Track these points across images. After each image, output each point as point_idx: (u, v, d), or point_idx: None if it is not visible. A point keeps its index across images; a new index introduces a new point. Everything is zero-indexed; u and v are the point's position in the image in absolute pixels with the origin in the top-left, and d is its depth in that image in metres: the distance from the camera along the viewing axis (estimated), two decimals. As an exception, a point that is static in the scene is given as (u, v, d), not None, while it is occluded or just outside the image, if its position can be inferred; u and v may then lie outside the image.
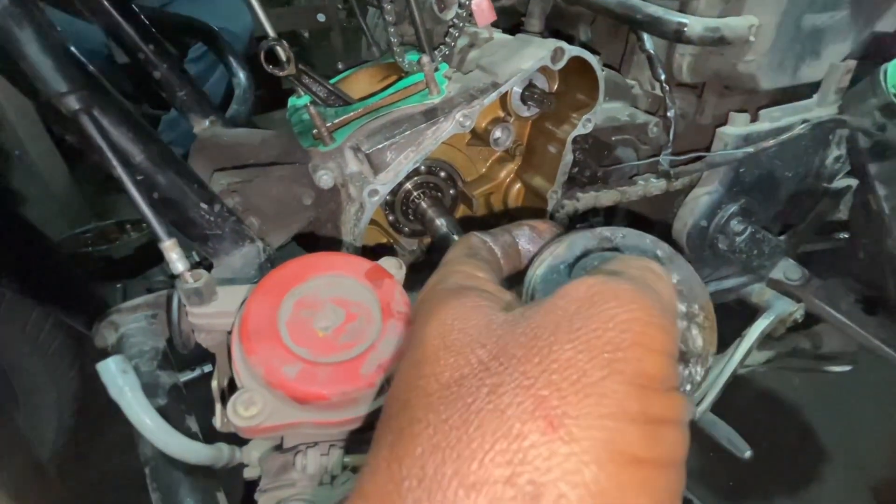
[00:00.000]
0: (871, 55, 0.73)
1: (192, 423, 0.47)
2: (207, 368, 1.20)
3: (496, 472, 0.19)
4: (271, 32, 0.64)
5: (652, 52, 0.73)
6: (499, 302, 0.27)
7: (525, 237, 0.37)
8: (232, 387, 0.45)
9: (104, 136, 0.33)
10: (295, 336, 0.35)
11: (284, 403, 0.34)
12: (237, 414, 0.32)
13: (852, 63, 0.70)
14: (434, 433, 0.20)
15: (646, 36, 0.73)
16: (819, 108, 0.74)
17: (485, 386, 0.21)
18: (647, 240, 0.35)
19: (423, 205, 0.69)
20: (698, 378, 0.31)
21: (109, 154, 0.32)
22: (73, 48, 0.39)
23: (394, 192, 0.70)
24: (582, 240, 0.34)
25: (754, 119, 0.73)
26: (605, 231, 0.35)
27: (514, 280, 0.38)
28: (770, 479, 1.03)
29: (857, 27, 0.72)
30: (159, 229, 0.35)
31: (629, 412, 0.20)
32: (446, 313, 0.25)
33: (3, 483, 0.33)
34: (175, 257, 0.36)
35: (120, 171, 0.33)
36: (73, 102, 0.32)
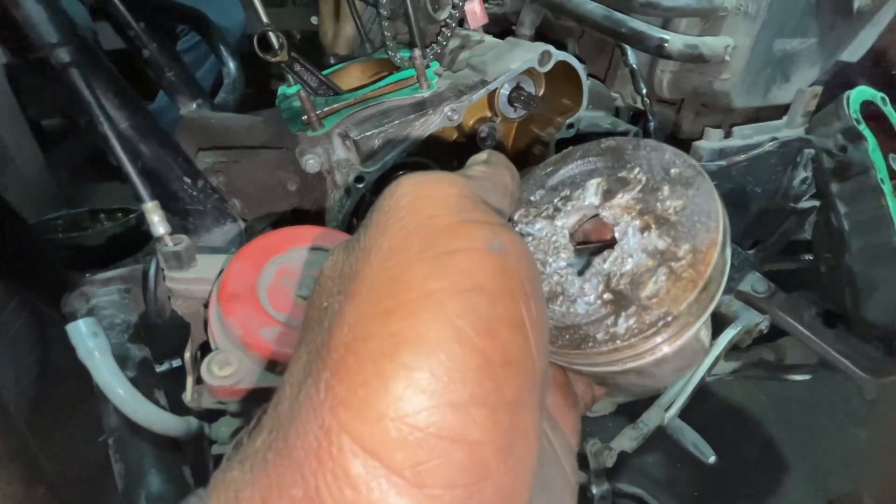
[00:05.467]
0: (836, 83, 0.77)
1: (161, 398, 0.46)
2: (177, 363, 1.17)
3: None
4: (265, 18, 0.65)
5: (635, 66, 0.77)
6: None
7: None
8: (205, 355, 0.44)
9: (93, 92, 0.33)
10: (275, 302, 0.35)
11: (260, 367, 0.33)
12: (211, 373, 0.32)
13: (819, 88, 0.75)
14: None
15: (629, 51, 0.77)
16: (787, 130, 0.78)
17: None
18: (667, 154, 0.29)
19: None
20: (622, 331, 0.25)
21: (97, 110, 0.32)
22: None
23: (377, 184, 0.70)
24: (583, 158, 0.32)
25: (728, 136, 0.76)
26: (623, 142, 0.31)
27: None
28: (733, 489, 1.06)
29: (824, 55, 0.77)
30: (143, 190, 0.35)
31: (411, 251, 0.21)
32: None
33: None
34: (157, 219, 0.36)
35: (106, 127, 0.33)
36: (63, 55, 0.32)
